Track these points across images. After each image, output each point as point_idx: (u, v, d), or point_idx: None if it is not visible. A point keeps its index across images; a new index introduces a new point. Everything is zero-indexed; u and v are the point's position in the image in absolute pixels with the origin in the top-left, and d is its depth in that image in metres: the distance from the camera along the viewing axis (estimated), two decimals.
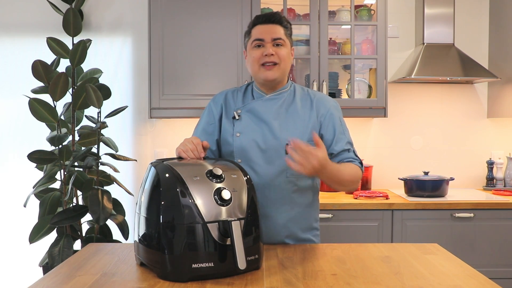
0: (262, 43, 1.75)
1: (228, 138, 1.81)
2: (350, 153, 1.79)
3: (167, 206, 1.34)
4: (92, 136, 2.76)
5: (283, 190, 1.76)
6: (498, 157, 3.38)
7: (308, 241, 1.82)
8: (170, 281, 1.31)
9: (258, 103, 1.81)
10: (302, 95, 1.85)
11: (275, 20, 1.77)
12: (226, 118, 1.83)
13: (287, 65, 1.79)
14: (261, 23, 1.78)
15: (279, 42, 1.76)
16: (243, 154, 1.76)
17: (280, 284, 1.30)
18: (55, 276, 1.38)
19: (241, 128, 1.79)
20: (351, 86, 3.11)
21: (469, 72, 3.09)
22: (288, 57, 1.79)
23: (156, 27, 3.00)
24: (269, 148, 1.75)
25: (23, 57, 3.18)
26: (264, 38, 1.75)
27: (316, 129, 1.78)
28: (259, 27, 1.77)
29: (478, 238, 2.85)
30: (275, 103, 1.81)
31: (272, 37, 1.75)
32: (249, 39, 1.80)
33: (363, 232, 2.82)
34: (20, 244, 3.05)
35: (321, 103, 1.82)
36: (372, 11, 3.15)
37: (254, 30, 1.79)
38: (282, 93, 1.83)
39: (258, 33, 1.76)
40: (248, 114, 1.80)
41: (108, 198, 2.60)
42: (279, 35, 1.76)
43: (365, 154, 3.39)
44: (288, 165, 1.51)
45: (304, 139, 1.75)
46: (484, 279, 1.34)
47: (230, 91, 1.89)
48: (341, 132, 1.80)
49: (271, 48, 1.74)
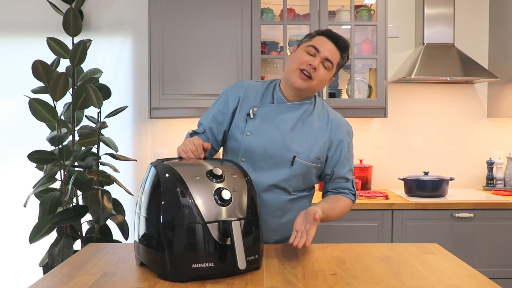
0: (316, 53, 1.71)
1: (237, 134, 1.77)
2: (348, 184, 1.81)
3: (167, 206, 1.34)
4: (92, 136, 2.76)
5: (279, 196, 1.75)
6: (498, 157, 3.38)
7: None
8: (170, 281, 1.31)
9: (278, 108, 1.77)
10: (321, 111, 1.81)
11: (340, 45, 1.73)
12: (240, 113, 1.78)
13: (319, 86, 1.75)
14: (328, 37, 1.73)
15: (327, 65, 1.72)
16: (248, 154, 1.74)
17: (280, 284, 1.30)
18: (55, 276, 1.38)
19: (253, 128, 1.75)
20: (351, 86, 3.11)
21: (469, 72, 3.09)
22: (324, 82, 1.75)
23: (156, 27, 3.01)
24: (276, 155, 1.73)
25: (23, 57, 3.18)
26: (321, 50, 1.70)
27: (325, 148, 1.77)
28: (324, 39, 1.73)
29: (478, 238, 2.85)
30: (294, 113, 1.76)
31: (327, 55, 1.71)
32: (307, 41, 1.75)
33: (363, 232, 2.82)
34: (20, 244, 3.05)
35: (336, 126, 1.79)
36: (372, 11, 3.16)
37: (318, 37, 1.74)
38: (304, 104, 1.79)
39: (319, 43, 1.72)
40: (263, 116, 1.76)
41: (108, 198, 2.60)
42: (333, 58, 1.72)
43: (365, 154, 3.39)
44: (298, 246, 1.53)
45: (312, 155, 1.74)
46: (484, 279, 1.34)
47: (252, 85, 1.82)
48: (346, 158, 1.80)
49: (318, 63, 1.70)
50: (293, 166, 1.73)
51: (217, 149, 1.86)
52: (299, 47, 1.77)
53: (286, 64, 1.79)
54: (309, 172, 1.76)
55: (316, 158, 1.75)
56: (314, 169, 1.77)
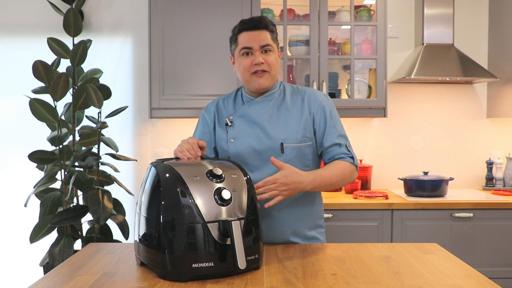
0: (251, 51, 1.74)
1: (223, 145, 1.82)
2: (342, 148, 1.77)
3: (167, 206, 1.34)
4: (93, 136, 2.77)
5: None
6: (497, 157, 3.39)
7: (314, 239, 1.82)
8: (170, 280, 1.32)
9: (249, 107, 1.81)
10: (292, 92, 1.84)
11: (261, 26, 1.74)
12: (219, 125, 1.84)
13: (276, 70, 1.79)
14: (247, 29, 1.75)
15: (267, 49, 1.75)
16: (239, 159, 1.76)
17: (280, 284, 1.30)
18: (56, 276, 1.38)
19: (235, 134, 1.80)
20: (351, 86, 3.11)
21: (468, 72, 3.09)
22: (277, 62, 1.79)
23: (156, 27, 3.01)
24: (264, 149, 1.75)
25: (23, 57, 3.19)
26: (253, 46, 1.73)
27: (309, 125, 1.78)
28: (246, 34, 1.75)
29: (477, 238, 2.85)
30: (266, 104, 1.81)
31: (260, 44, 1.73)
32: (236, 46, 1.78)
33: (363, 232, 2.82)
34: (21, 244, 3.06)
35: (312, 98, 1.81)
36: (371, 11, 3.16)
37: (240, 37, 1.76)
38: (272, 93, 1.83)
39: (246, 41, 1.74)
40: (240, 119, 1.80)
41: (108, 198, 2.60)
42: (266, 41, 1.74)
43: (365, 154, 3.39)
44: (267, 206, 1.58)
45: (298, 136, 1.76)
46: (483, 279, 1.35)
47: (220, 99, 1.90)
48: (331, 125, 1.78)
49: (260, 56, 1.73)
50: (284, 153, 1.74)
51: None
52: (234, 56, 1.81)
53: (239, 76, 1.82)
54: (302, 153, 1.76)
55: (304, 137, 1.76)
56: (306, 148, 1.77)
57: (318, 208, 1.87)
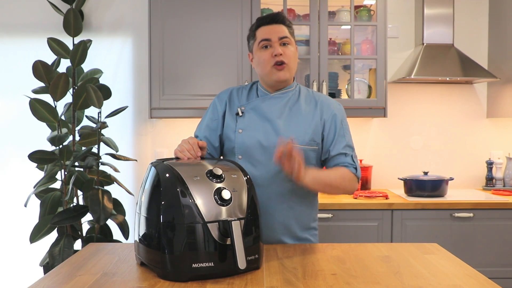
0: (270, 43, 1.75)
1: (230, 134, 1.81)
2: (347, 158, 1.79)
3: (167, 206, 1.34)
4: (93, 136, 2.77)
5: (282, 188, 1.76)
6: (497, 157, 3.39)
7: (306, 240, 1.83)
8: (170, 280, 1.32)
9: (263, 101, 1.82)
10: (307, 95, 1.85)
11: (278, 20, 1.77)
12: (229, 114, 1.84)
13: (294, 64, 1.80)
14: (265, 24, 1.78)
15: (285, 41, 1.76)
16: (244, 150, 1.77)
17: (280, 284, 1.30)
18: (56, 276, 1.38)
19: (244, 125, 1.80)
20: (350, 86, 3.11)
21: (468, 72, 3.09)
22: (295, 56, 1.80)
23: (156, 27, 3.01)
24: (271, 146, 1.75)
25: (23, 57, 3.19)
26: (271, 38, 1.75)
27: (319, 130, 1.79)
28: (264, 28, 1.77)
29: (477, 238, 2.85)
30: (279, 101, 1.81)
31: (279, 36, 1.75)
32: (254, 41, 1.80)
33: (363, 232, 2.82)
34: (21, 244, 3.06)
35: (325, 105, 1.83)
36: (372, 11, 3.16)
37: (258, 31, 1.78)
38: (288, 92, 1.83)
39: (264, 34, 1.76)
40: (252, 112, 1.81)
41: (108, 198, 2.60)
42: (285, 33, 1.76)
43: (365, 154, 3.39)
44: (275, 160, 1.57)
45: (306, 138, 1.77)
46: (483, 279, 1.35)
47: (235, 89, 1.90)
48: (341, 135, 1.80)
49: (279, 48, 1.74)
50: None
51: (216, 156, 1.88)
52: (254, 51, 1.81)
53: (258, 70, 1.82)
54: (306, 156, 1.76)
55: (311, 140, 1.77)
56: (311, 152, 1.78)
57: (313, 211, 1.88)
